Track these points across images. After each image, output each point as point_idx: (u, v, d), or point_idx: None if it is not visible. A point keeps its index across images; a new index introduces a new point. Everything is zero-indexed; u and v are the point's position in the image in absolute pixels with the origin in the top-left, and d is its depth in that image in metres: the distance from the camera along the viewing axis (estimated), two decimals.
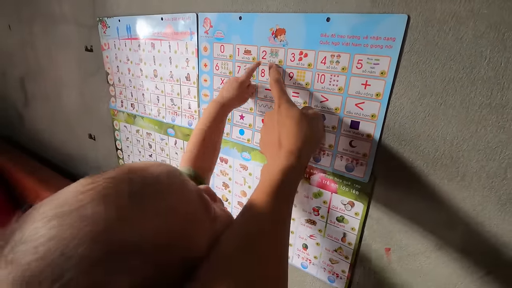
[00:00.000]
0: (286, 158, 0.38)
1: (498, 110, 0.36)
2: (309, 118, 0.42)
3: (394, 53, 0.40)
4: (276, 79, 0.47)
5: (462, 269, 0.43)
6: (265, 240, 0.31)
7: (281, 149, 0.40)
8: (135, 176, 0.27)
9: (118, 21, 0.73)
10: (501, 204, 0.38)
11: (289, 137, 0.40)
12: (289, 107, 0.42)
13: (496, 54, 0.34)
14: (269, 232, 0.32)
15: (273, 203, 0.34)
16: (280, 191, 0.36)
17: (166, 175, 0.29)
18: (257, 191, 0.36)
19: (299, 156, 0.39)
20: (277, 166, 0.38)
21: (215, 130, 0.52)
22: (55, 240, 0.21)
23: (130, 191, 0.25)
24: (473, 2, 0.34)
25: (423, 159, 0.42)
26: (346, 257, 0.54)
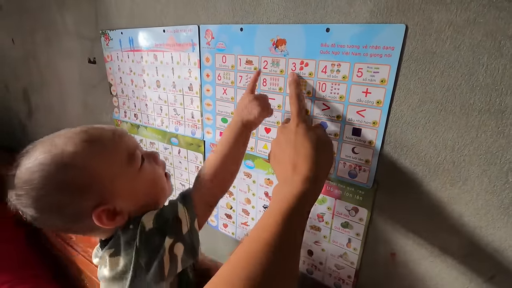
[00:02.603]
0: (302, 183, 0.38)
1: (497, 116, 0.36)
2: (325, 143, 0.43)
3: (393, 61, 0.41)
4: (297, 94, 0.46)
5: (467, 273, 0.44)
6: (270, 265, 0.31)
7: (296, 172, 0.39)
8: (93, 132, 0.43)
9: (120, 33, 0.74)
10: (503, 207, 0.39)
11: (307, 162, 0.39)
12: (307, 128, 0.42)
13: (493, 61, 0.35)
14: (276, 256, 0.32)
15: (285, 228, 0.34)
16: (293, 217, 0.35)
17: (107, 134, 0.44)
18: (268, 213, 0.36)
19: (315, 181, 0.39)
20: (292, 191, 0.37)
21: (235, 153, 0.49)
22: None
23: (84, 138, 0.41)
24: (468, 12, 0.35)
25: (425, 165, 0.43)
26: (351, 262, 0.55)
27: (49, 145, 0.40)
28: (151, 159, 0.49)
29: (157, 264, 0.40)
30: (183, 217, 0.44)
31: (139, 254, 0.40)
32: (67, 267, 1.12)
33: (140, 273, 0.40)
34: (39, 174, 0.38)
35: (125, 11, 0.71)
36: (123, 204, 0.43)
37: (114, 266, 0.42)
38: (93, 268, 0.96)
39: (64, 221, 0.41)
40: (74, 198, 0.39)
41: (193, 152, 0.72)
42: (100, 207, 0.40)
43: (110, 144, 0.43)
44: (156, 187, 0.49)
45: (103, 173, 0.41)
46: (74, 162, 0.39)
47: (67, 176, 0.38)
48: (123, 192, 0.43)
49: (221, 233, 0.76)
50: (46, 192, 0.38)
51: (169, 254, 0.41)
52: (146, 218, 0.43)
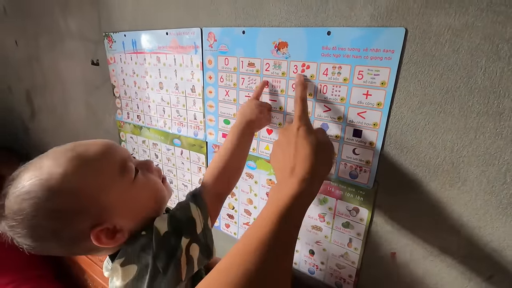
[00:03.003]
0: (298, 185, 0.38)
1: (496, 118, 0.37)
2: (325, 147, 0.43)
3: (393, 64, 0.42)
4: (302, 98, 0.46)
5: (466, 273, 0.44)
6: (265, 262, 0.32)
7: (294, 173, 0.40)
8: (78, 149, 0.41)
9: (123, 36, 0.75)
10: (502, 208, 0.39)
11: (305, 164, 0.40)
12: (308, 131, 0.42)
13: (491, 64, 0.36)
14: (271, 254, 0.33)
15: (280, 227, 0.35)
16: (288, 217, 0.36)
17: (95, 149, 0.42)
18: (265, 212, 0.37)
19: (311, 184, 0.39)
20: (289, 191, 0.38)
21: (241, 149, 0.51)
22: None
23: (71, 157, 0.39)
24: (467, 16, 0.36)
25: (425, 166, 0.43)
26: (352, 262, 0.55)
27: (36, 170, 0.38)
28: (144, 168, 0.47)
29: (174, 266, 0.39)
30: (196, 217, 0.44)
31: (157, 258, 0.39)
32: (70, 267, 1.13)
33: (157, 277, 0.39)
34: (28, 203, 0.36)
35: (128, 13, 0.72)
36: (122, 221, 0.42)
37: (127, 275, 0.41)
38: (96, 268, 0.97)
39: (62, 246, 0.40)
40: (69, 222, 0.38)
41: (196, 153, 0.73)
42: (97, 228, 0.39)
43: (99, 160, 0.41)
44: (155, 196, 0.47)
45: (95, 192, 0.39)
46: (63, 186, 0.37)
47: (57, 202, 0.37)
48: (120, 208, 0.41)
49: (223, 233, 0.76)
50: (38, 220, 0.36)
51: (186, 255, 0.40)
52: (159, 222, 0.42)
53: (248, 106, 0.53)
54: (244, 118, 0.52)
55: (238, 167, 0.53)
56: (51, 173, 0.37)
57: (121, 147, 0.47)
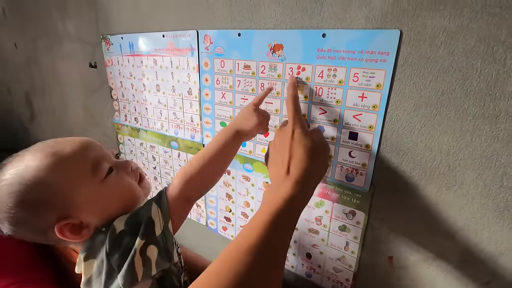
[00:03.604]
0: (292, 188, 0.38)
1: (492, 120, 0.37)
2: (320, 148, 0.43)
3: (388, 66, 0.41)
4: (293, 97, 0.45)
5: (463, 277, 0.44)
6: (256, 266, 0.32)
7: (288, 176, 0.39)
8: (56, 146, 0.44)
9: (121, 38, 0.75)
10: (499, 211, 0.39)
11: (299, 167, 0.39)
12: (304, 134, 0.41)
13: (487, 66, 0.35)
14: (262, 257, 0.33)
15: (272, 230, 0.35)
16: (281, 220, 0.36)
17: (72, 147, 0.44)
18: (258, 215, 0.37)
19: (305, 187, 0.39)
20: (283, 194, 0.38)
21: (222, 156, 0.49)
22: None
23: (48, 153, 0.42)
24: (462, 18, 0.35)
25: (421, 168, 0.43)
26: (349, 265, 0.55)
27: (18, 162, 0.42)
28: (120, 168, 0.48)
29: (128, 266, 0.39)
30: (156, 218, 0.43)
31: (111, 256, 0.41)
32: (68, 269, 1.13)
33: (112, 275, 0.40)
34: (6, 191, 0.40)
35: (126, 16, 0.72)
36: (89, 217, 0.43)
37: (89, 270, 0.43)
38: None
39: (33, 234, 0.43)
40: (36, 213, 0.41)
41: (193, 156, 0.73)
42: (62, 222, 0.41)
43: (73, 158, 0.43)
44: (124, 197, 0.48)
45: (65, 188, 0.41)
46: (35, 179, 0.40)
47: (29, 193, 0.40)
48: (88, 205, 0.43)
49: (220, 236, 0.76)
50: (11, 208, 0.40)
51: (141, 256, 0.40)
52: (117, 221, 0.43)
53: (244, 115, 0.50)
54: (234, 126, 0.49)
55: (216, 174, 0.50)
56: (28, 165, 0.41)
57: (98, 146, 0.48)
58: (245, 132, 0.49)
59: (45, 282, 1.11)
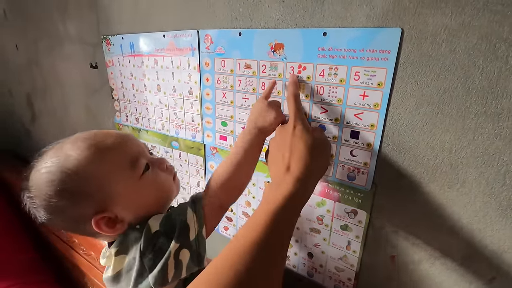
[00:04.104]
0: (293, 185, 0.38)
1: (494, 118, 0.36)
2: (321, 146, 0.42)
3: (390, 65, 0.41)
4: (294, 94, 0.45)
5: (467, 275, 0.44)
6: (256, 264, 0.32)
7: (288, 173, 0.39)
8: (97, 137, 0.44)
9: (121, 38, 0.75)
10: (501, 209, 0.39)
11: (300, 163, 0.39)
12: (305, 130, 0.41)
13: (489, 64, 0.35)
14: (262, 255, 0.33)
15: (273, 228, 0.35)
16: (281, 217, 0.36)
17: (111, 141, 0.44)
18: (258, 212, 0.37)
19: (305, 184, 0.39)
20: (283, 191, 0.37)
21: (249, 158, 0.48)
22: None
23: (89, 144, 0.42)
24: (463, 15, 0.35)
25: (423, 167, 0.43)
26: (351, 265, 0.55)
27: (57, 150, 0.42)
28: (156, 165, 0.48)
29: (161, 267, 0.40)
30: (191, 223, 0.43)
31: (144, 256, 0.41)
32: (70, 270, 1.13)
33: (143, 275, 0.41)
34: (45, 179, 0.40)
35: (126, 16, 0.72)
36: (124, 212, 0.43)
37: (118, 265, 0.43)
38: (95, 272, 0.96)
39: (68, 224, 0.43)
40: (75, 204, 0.41)
41: (194, 156, 0.73)
42: (99, 215, 0.41)
43: (112, 151, 0.43)
44: (160, 195, 0.48)
45: (104, 180, 0.41)
46: (76, 170, 0.40)
47: (69, 183, 0.40)
48: (124, 199, 0.43)
49: (221, 236, 0.76)
50: (50, 196, 0.40)
51: (174, 259, 0.41)
52: (152, 220, 0.43)
53: (259, 112, 0.48)
54: (254, 125, 0.48)
55: (246, 176, 0.50)
56: (69, 155, 0.41)
57: (137, 141, 0.48)
58: (266, 127, 0.47)
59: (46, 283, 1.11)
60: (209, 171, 0.71)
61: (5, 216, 1.22)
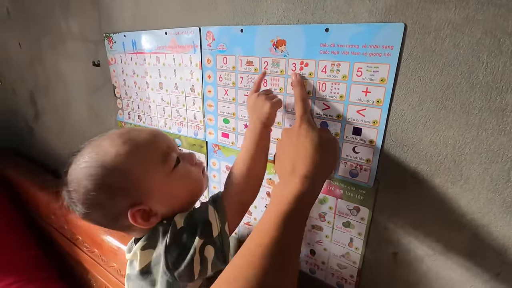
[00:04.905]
0: (300, 183, 0.37)
1: (498, 114, 0.36)
2: (328, 144, 0.42)
3: (392, 60, 0.41)
4: (302, 98, 0.46)
5: (471, 272, 0.43)
6: (274, 268, 0.32)
7: (295, 172, 0.39)
8: (131, 134, 0.46)
9: (123, 36, 0.75)
10: (506, 206, 0.38)
11: (306, 161, 0.39)
12: (310, 129, 0.42)
13: (493, 58, 0.35)
14: (275, 261, 0.33)
15: (284, 231, 0.34)
16: (291, 218, 0.36)
17: (145, 137, 0.47)
18: (268, 216, 0.36)
19: (313, 182, 0.38)
20: (291, 191, 0.37)
21: (260, 151, 0.49)
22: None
23: (125, 140, 0.45)
24: (467, 10, 0.35)
25: (426, 163, 0.43)
26: (353, 262, 0.54)
27: (96, 146, 0.45)
28: (186, 160, 0.49)
29: (187, 263, 0.41)
30: (213, 220, 0.44)
31: (168, 251, 0.42)
32: (74, 267, 1.13)
33: (168, 269, 0.41)
34: (84, 174, 0.42)
35: (128, 14, 0.72)
36: (157, 206, 0.45)
37: (145, 259, 0.44)
38: (99, 268, 0.97)
39: (105, 218, 0.45)
40: (113, 197, 0.43)
41: (196, 153, 0.73)
42: (135, 207, 0.43)
43: (146, 147, 0.45)
44: (191, 188, 0.50)
45: (139, 175, 0.43)
46: (115, 164, 0.42)
47: (108, 177, 0.42)
48: (158, 193, 0.45)
49: None
50: (89, 190, 0.42)
51: (200, 255, 0.41)
52: (178, 217, 0.45)
53: (254, 106, 0.49)
54: (257, 119, 0.48)
55: (261, 170, 0.50)
56: (107, 151, 0.43)
57: (167, 137, 0.50)
58: (267, 118, 0.48)
59: (49, 280, 1.12)
60: (211, 169, 0.71)
61: (8, 214, 1.23)
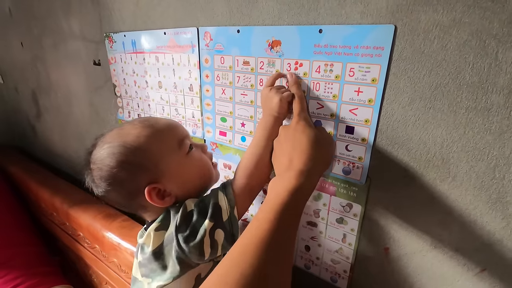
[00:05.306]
0: (296, 178, 0.39)
1: (484, 113, 0.37)
2: (323, 141, 0.44)
3: (383, 61, 0.42)
4: (300, 96, 0.47)
5: (458, 267, 0.45)
6: (266, 262, 0.33)
7: (291, 167, 0.40)
8: (151, 120, 0.52)
9: (123, 36, 0.77)
10: (491, 202, 0.40)
11: (302, 157, 0.41)
12: (307, 125, 0.43)
13: (479, 60, 0.36)
14: (269, 254, 0.33)
15: (278, 225, 0.35)
16: (286, 211, 0.37)
17: (163, 122, 0.52)
18: (264, 211, 0.37)
19: (308, 176, 0.40)
20: (286, 186, 0.38)
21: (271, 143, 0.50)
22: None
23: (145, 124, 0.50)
24: (454, 12, 0.36)
25: (416, 161, 0.44)
26: (347, 257, 0.56)
27: (119, 129, 0.50)
28: (199, 148, 0.54)
29: (197, 242, 0.43)
30: (223, 204, 0.47)
31: (178, 231, 0.44)
32: (75, 263, 1.16)
33: (179, 246, 0.43)
34: (107, 152, 0.46)
35: (128, 14, 0.74)
36: (172, 186, 0.49)
37: (157, 240, 0.46)
38: (100, 264, 0.99)
39: (123, 195, 0.48)
40: (133, 174, 0.46)
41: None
42: (152, 185, 0.46)
43: (164, 131, 0.50)
44: (203, 173, 0.53)
45: (157, 155, 0.47)
46: (136, 144, 0.47)
47: (129, 155, 0.46)
48: (173, 174, 0.49)
49: None
50: (112, 167, 0.46)
51: (210, 237, 0.43)
52: (189, 201, 0.48)
53: (265, 101, 0.50)
54: (268, 113, 0.50)
55: (269, 159, 0.50)
56: (129, 133, 0.48)
57: (182, 126, 0.55)
58: (277, 112, 0.48)
59: (52, 274, 1.14)
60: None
61: (12, 210, 1.25)
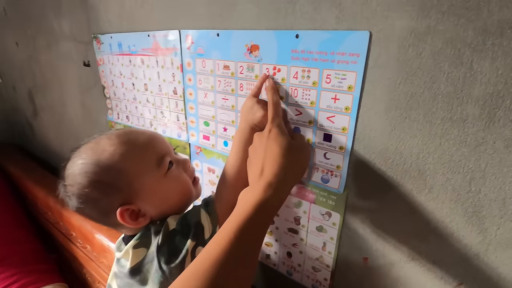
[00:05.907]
0: (264, 191, 0.38)
1: (459, 124, 0.36)
2: (297, 149, 0.42)
3: (359, 68, 0.41)
4: (274, 102, 0.45)
5: (436, 279, 0.43)
6: (221, 283, 0.32)
7: (262, 177, 0.39)
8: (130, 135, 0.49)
9: (110, 37, 0.76)
10: (468, 216, 0.38)
11: (273, 166, 0.39)
12: (279, 133, 0.41)
13: (454, 69, 0.35)
14: (222, 272, 0.33)
15: (238, 242, 0.34)
16: (249, 228, 0.36)
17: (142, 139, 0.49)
18: (229, 223, 0.37)
19: (277, 188, 0.38)
20: (254, 198, 0.37)
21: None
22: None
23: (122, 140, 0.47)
24: (429, 19, 0.34)
25: (393, 171, 0.43)
26: (327, 265, 0.55)
27: (94, 145, 0.47)
28: (180, 165, 0.51)
29: (179, 263, 0.42)
30: (205, 223, 0.46)
31: (159, 251, 0.43)
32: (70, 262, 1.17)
33: (160, 268, 0.42)
34: (80, 170, 0.44)
35: (113, 16, 0.73)
36: (146, 207, 0.47)
37: (136, 257, 0.45)
38: (92, 264, 1.00)
39: (96, 213, 0.47)
40: (105, 194, 0.44)
41: (180, 154, 0.74)
42: (125, 206, 0.45)
43: (143, 148, 0.48)
44: (181, 192, 0.51)
45: (133, 175, 0.45)
46: (110, 164, 0.44)
47: (102, 175, 0.44)
48: (148, 194, 0.47)
49: None
50: (84, 186, 0.44)
51: (191, 256, 0.43)
52: (171, 219, 0.46)
53: (248, 110, 0.49)
54: (246, 123, 0.49)
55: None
56: (104, 150, 0.45)
57: (165, 141, 0.52)
58: (256, 125, 0.48)
59: (48, 272, 1.15)
60: (195, 170, 0.72)
61: (10, 209, 1.27)
